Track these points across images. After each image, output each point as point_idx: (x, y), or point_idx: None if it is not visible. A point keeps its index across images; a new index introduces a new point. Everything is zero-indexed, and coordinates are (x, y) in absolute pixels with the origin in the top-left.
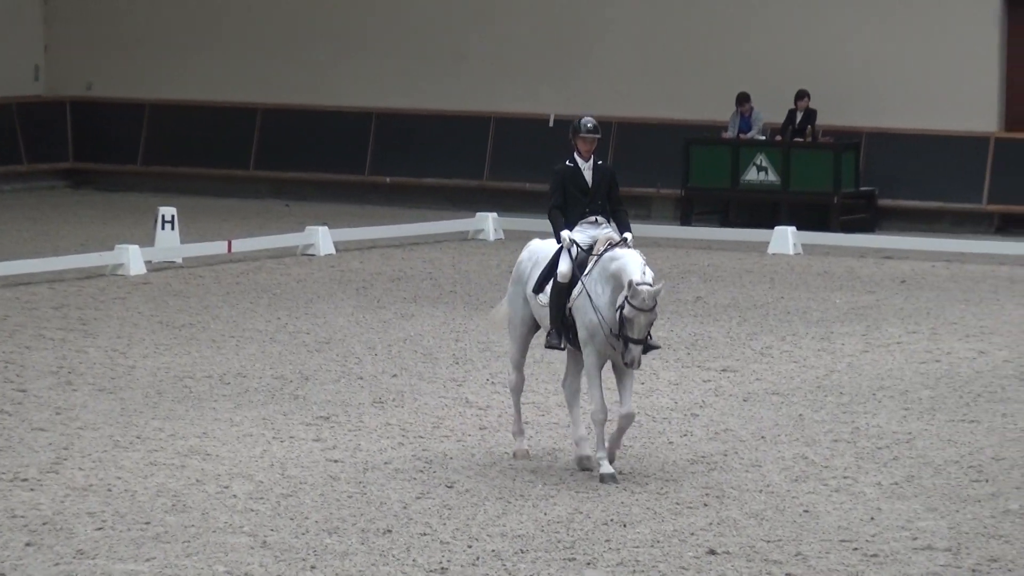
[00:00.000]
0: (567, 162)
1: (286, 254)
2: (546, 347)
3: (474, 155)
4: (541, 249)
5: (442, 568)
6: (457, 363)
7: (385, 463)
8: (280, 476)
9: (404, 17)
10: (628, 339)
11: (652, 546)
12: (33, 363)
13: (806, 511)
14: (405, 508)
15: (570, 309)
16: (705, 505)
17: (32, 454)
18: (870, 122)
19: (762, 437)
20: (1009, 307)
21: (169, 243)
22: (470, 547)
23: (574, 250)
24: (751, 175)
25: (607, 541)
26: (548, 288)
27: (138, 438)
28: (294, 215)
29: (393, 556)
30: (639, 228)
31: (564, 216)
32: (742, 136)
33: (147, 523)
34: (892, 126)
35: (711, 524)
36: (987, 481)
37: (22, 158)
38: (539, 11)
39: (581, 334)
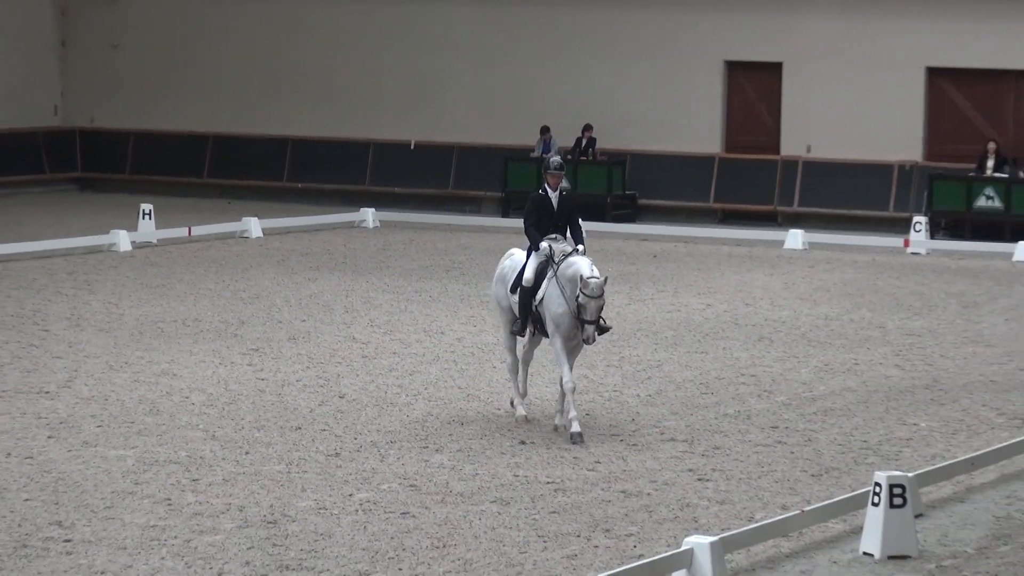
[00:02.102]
0: (540, 191)
1: (228, 237)
2: (510, 333)
3: (359, 168)
4: (518, 259)
5: (336, 453)
6: (347, 312)
7: (296, 381)
8: (224, 390)
9: (311, 72)
10: (584, 321)
11: (481, 438)
12: (53, 312)
13: (588, 414)
14: (311, 412)
15: (537, 307)
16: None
17: (52, 374)
18: (633, 146)
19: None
20: (728, 274)
21: (148, 229)
22: (355, 439)
23: (548, 250)
24: None
25: (450, 435)
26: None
27: (126, 363)
28: (235, 209)
29: (302, 445)
30: (472, 220)
31: (538, 232)
32: (544, 156)
33: (132, 423)
34: (648, 148)
35: (520, 424)
36: (712, 394)
37: (45, 169)
38: (403, 68)
39: (548, 326)
